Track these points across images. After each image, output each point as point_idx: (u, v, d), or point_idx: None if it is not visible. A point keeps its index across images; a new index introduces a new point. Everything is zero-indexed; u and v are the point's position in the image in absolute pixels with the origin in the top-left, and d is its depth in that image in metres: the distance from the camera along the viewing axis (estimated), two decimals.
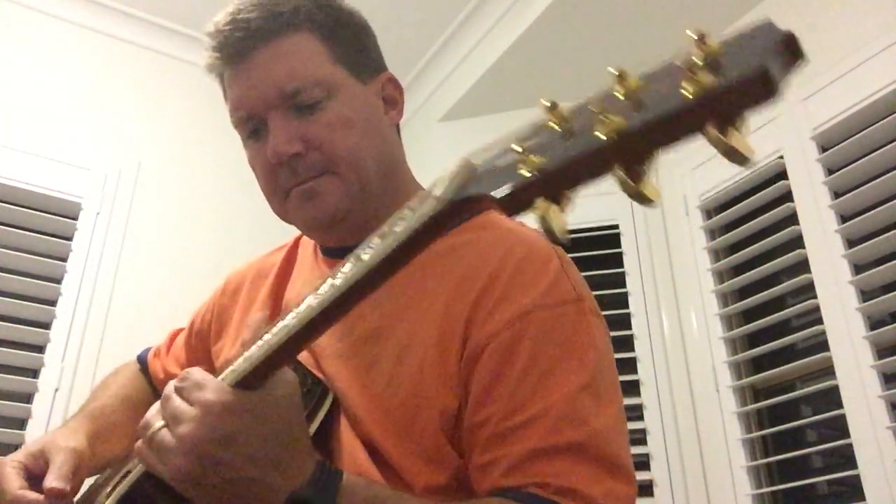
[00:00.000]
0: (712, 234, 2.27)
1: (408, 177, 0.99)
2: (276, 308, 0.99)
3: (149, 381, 1.18)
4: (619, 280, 2.36)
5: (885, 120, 1.84)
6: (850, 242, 1.88)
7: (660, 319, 2.30)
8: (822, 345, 1.88)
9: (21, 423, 2.06)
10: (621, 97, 0.40)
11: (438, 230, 0.48)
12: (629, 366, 2.25)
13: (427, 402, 0.79)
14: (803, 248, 1.95)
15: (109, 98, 2.58)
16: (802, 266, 1.96)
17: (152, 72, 2.70)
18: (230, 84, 0.91)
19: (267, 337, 0.60)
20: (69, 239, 2.32)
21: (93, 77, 2.57)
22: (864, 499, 1.69)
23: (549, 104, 0.45)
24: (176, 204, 2.57)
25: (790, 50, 0.35)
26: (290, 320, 0.57)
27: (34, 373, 2.14)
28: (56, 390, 2.11)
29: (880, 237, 1.79)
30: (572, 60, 2.57)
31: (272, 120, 0.88)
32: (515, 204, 0.43)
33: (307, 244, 1.07)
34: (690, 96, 0.36)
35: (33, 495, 0.87)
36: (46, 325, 2.19)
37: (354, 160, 0.88)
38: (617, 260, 2.37)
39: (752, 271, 2.07)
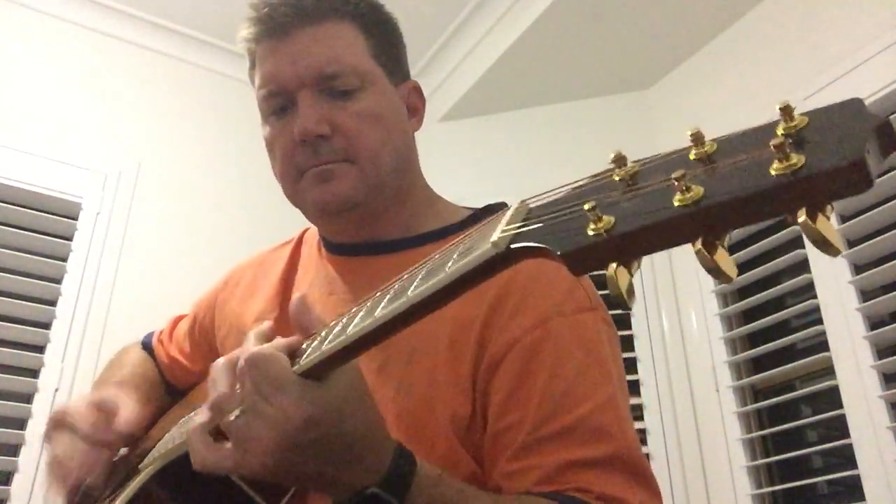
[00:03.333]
0: None
1: (420, 182, 1.00)
2: (284, 306, 0.98)
3: (155, 364, 1.19)
4: None
5: None
6: (850, 243, 1.88)
7: (660, 319, 2.30)
8: (822, 345, 1.88)
9: (21, 423, 2.05)
10: (694, 161, 0.39)
11: (491, 273, 0.47)
12: (629, 366, 2.25)
13: (438, 406, 0.79)
14: (803, 248, 1.95)
15: (109, 98, 2.58)
16: (802, 266, 1.96)
17: (152, 72, 2.70)
18: (265, 57, 0.91)
19: (337, 329, 0.58)
20: (69, 239, 2.31)
21: (93, 77, 2.57)
22: (864, 499, 1.69)
23: (616, 157, 0.43)
24: (176, 204, 2.57)
25: (887, 138, 0.34)
26: (365, 319, 0.55)
27: (34, 373, 2.14)
28: (56, 390, 2.10)
29: (880, 237, 1.79)
30: (572, 60, 2.57)
31: (303, 98, 0.88)
32: (582, 263, 0.41)
33: (310, 240, 1.07)
34: (783, 178, 0.34)
35: (105, 428, 0.92)
36: (46, 325, 2.19)
37: (375, 154, 0.89)
38: None
39: (753, 271, 2.07)
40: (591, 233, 0.40)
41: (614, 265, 0.40)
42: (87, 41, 2.60)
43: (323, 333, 0.61)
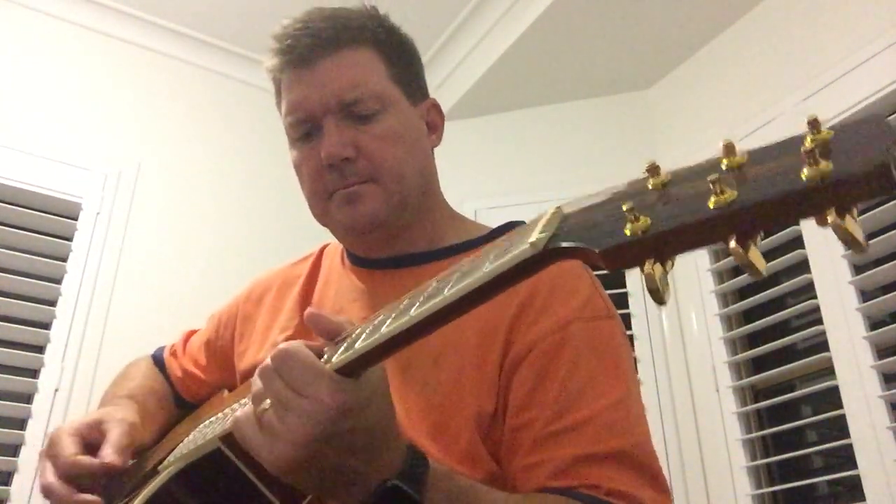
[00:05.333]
0: None
1: (441, 198, 1.04)
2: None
3: (166, 378, 1.19)
4: (620, 280, 2.36)
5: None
6: None
7: (660, 319, 2.30)
8: (822, 345, 1.88)
9: (21, 423, 2.05)
10: (726, 169, 0.41)
11: (528, 274, 0.49)
12: None
13: (464, 405, 0.82)
14: (803, 248, 1.95)
15: (109, 98, 2.58)
16: (802, 266, 1.96)
17: (152, 72, 2.70)
18: (290, 86, 0.96)
19: (369, 330, 0.59)
20: (69, 239, 2.31)
21: (93, 77, 2.57)
22: (864, 499, 1.69)
23: (650, 166, 0.45)
24: (176, 204, 2.57)
25: None
26: (399, 318, 0.56)
27: (34, 373, 2.14)
28: (56, 390, 2.10)
29: (880, 237, 1.79)
30: (572, 60, 2.57)
31: (328, 124, 0.93)
32: (619, 260, 0.43)
33: (332, 254, 1.10)
34: (813, 182, 0.37)
35: (87, 462, 0.90)
36: (46, 325, 2.19)
37: (398, 173, 0.94)
38: None
39: None
40: (628, 232, 0.42)
41: (651, 261, 0.42)
42: (88, 42, 2.61)
43: (353, 335, 0.61)
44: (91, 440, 0.93)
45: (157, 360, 1.22)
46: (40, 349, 2.18)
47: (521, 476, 0.78)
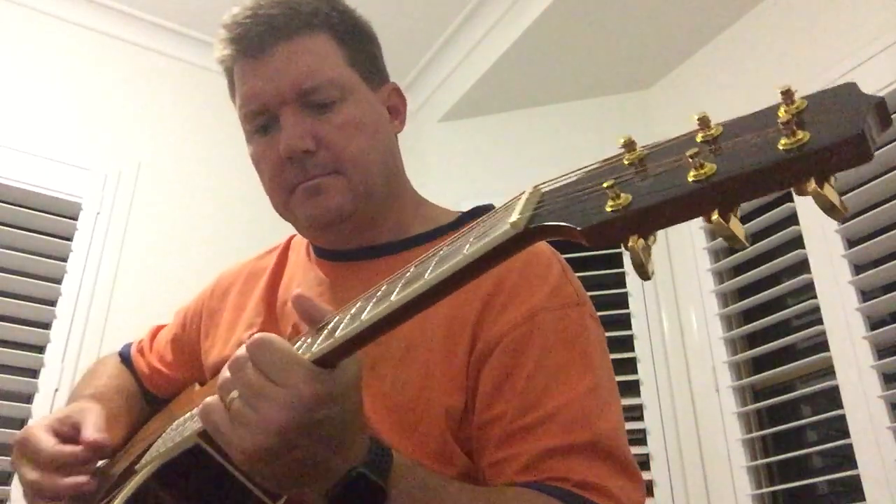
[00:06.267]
0: (712, 234, 2.25)
1: (406, 186, 1.00)
2: (269, 310, 0.99)
3: (134, 375, 1.17)
4: (620, 280, 2.36)
5: None
6: (850, 242, 1.88)
7: (660, 319, 2.30)
8: (822, 345, 1.88)
9: (21, 424, 2.05)
10: (702, 142, 0.41)
11: (507, 255, 0.49)
12: (629, 366, 2.25)
13: (433, 401, 0.80)
14: (803, 247, 1.95)
15: (109, 98, 2.58)
16: (802, 266, 1.96)
17: (152, 72, 2.70)
18: (243, 77, 0.92)
19: (347, 320, 0.59)
20: (69, 239, 2.32)
21: (93, 77, 2.57)
22: (864, 499, 1.69)
23: (626, 141, 0.45)
24: (176, 204, 2.57)
25: (883, 115, 0.37)
26: (378, 305, 0.56)
27: (34, 373, 2.14)
28: (56, 390, 2.11)
29: (880, 237, 1.79)
30: (572, 60, 2.57)
31: (285, 115, 0.89)
32: (603, 237, 0.43)
33: (297, 247, 1.07)
34: (791, 152, 0.37)
35: (69, 448, 0.89)
36: (46, 325, 2.19)
37: (362, 163, 0.90)
38: (617, 260, 2.37)
39: (752, 271, 2.07)
40: (609, 209, 0.42)
41: (634, 237, 0.42)
42: (88, 42, 2.61)
43: (331, 324, 0.61)
44: (65, 434, 0.92)
45: (125, 357, 1.20)
46: (40, 349, 2.18)
47: (491, 472, 0.77)
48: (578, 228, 0.43)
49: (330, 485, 0.62)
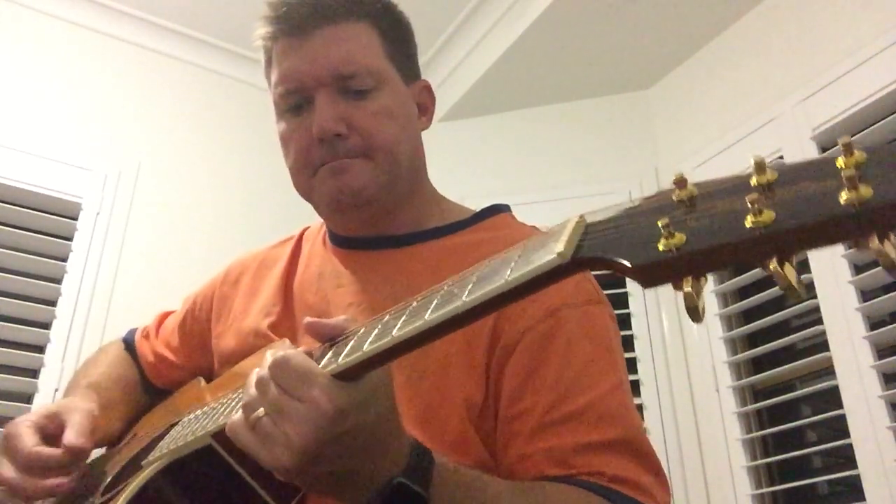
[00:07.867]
0: None
1: (427, 181, 1.02)
2: (286, 299, 0.99)
3: (136, 362, 1.17)
4: (620, 280, 2.36)
5: (885, 120, 1.85)
6: None
7: (660, 319, 2.30)
8: (822, 345, 1.88)
9: None
10: (756, 187, 0.41)
11: (550, 283, 0.48)
12: (629, 366, 2.23)
13: (452, 392, 0.80)
14: None
15: (109, 98, 2.58)
16: (802, 266, 1.96)
17: (152, 72, 2.70)
18: (283, 55, 0.92)
19: (377, 330, 0.59)
20: (69, 239, 2.32)
21: (93, 77, 2.57)
22: (864, 499, 1.69)
23: (677, 178, 0.44)
24: (176, 204, 2.57)
25: None
26: (411, 322, 0.56)
27: (34, 373, 2.14)
28: (56, 390, 2.10)
29: None
30: (572, 60, 2.57)
31: (320, 97, 0.90)
32: (654, 276, 0.42)
33: (311, 237, 1.08)
34: (853, 207, 0.36)
35: (48, 451, 0.88)
36: (46, 325, 2.19)
37: (391, 151, 0.92)
38: None
39: (753, 271, 2.07)
40: (661, 248, 0.41)
41: (688, 279, 0.42)
42: (87, 41, 2.61)
43: (359, 336, 0.61)
44: (50, 432, 0.91)
45: (129, 343, 1.20)
46: (40, 349, 2.18)
47: (520, 465, 0.77)
48: (629, 265, 0.42)
49: (371, 494, 0.62)
